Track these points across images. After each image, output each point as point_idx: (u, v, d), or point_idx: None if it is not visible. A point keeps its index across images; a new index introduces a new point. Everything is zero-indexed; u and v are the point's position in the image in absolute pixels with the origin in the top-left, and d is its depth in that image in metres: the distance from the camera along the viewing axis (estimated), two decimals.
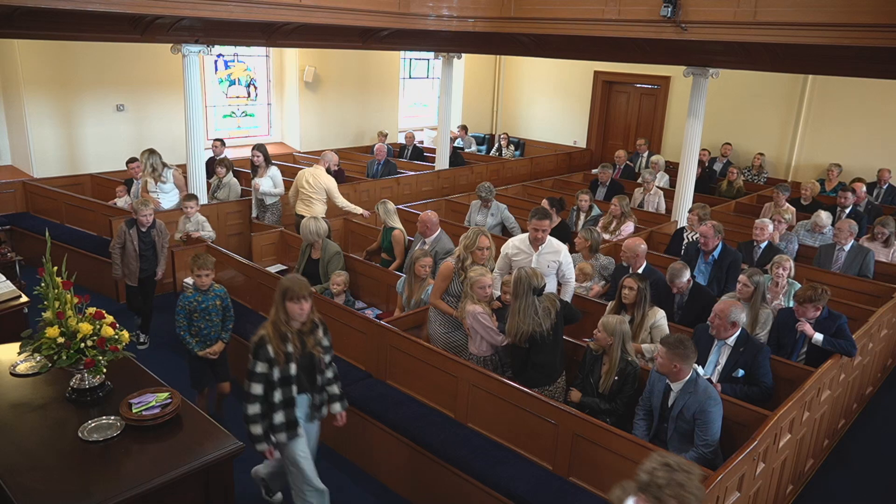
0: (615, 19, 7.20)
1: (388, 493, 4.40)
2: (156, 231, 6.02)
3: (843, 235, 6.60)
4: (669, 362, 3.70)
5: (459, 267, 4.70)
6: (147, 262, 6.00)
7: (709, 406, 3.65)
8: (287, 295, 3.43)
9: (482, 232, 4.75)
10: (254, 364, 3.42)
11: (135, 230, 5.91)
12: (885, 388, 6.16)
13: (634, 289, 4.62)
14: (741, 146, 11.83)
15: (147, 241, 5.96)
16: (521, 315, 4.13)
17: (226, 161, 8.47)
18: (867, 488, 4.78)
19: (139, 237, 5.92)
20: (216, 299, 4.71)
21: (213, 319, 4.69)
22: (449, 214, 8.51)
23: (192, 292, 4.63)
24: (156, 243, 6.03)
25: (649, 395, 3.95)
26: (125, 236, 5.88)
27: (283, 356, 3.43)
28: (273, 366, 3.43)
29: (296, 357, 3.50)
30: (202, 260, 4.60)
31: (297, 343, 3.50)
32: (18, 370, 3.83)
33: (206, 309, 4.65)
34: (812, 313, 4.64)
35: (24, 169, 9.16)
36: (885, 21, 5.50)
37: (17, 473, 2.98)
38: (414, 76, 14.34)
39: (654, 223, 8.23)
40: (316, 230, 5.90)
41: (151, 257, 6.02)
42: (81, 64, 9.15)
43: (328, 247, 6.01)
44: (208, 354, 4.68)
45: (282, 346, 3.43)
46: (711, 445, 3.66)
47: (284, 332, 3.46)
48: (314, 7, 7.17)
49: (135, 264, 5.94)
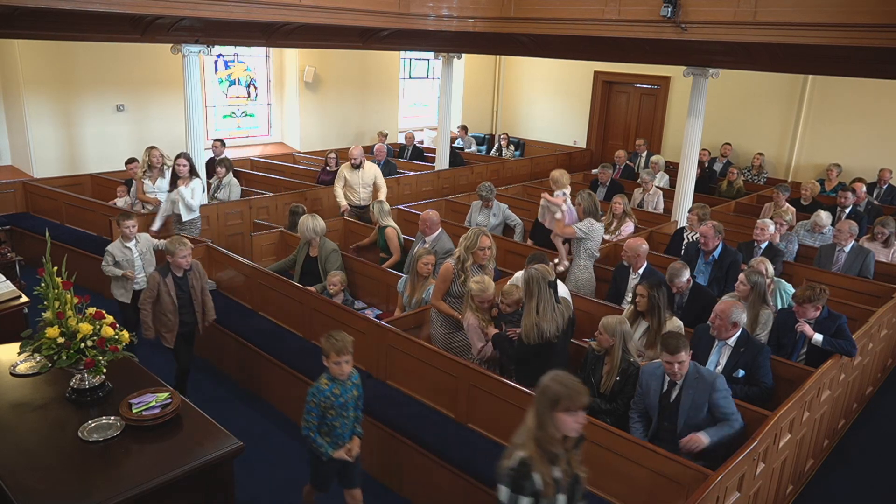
0: (615, 19, 7.20)
1: (389, 493, 4.41)
2: (193, 273, 4.94)
3: (844, 237, 6.60)
4: (688, 357, 3.76)
5: (459, 268, 4.70)
6: (188, 313, 4.93)
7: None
8: (560, 405, 2.53)
9: (482, 232, 4.75)
10: (513, 500, 2.58)
11: (170, 277, 4.82)
12: (885, 388, 6.16)
13: (644, 296, 4.58)
14: (741, 146, 11.83)
15: (185, 289, 4.90)
16: (541, 313, 4.07)
17: (226, 161, 8.48)
18: (867, 488, 4.78)
19: (176, 285, 4.83)
20: (354, 389, 3.66)
21: (349, 414, 3.63)
22: (449, 214, 8.50)
23: (328, 384, 3.56)
24: (195, 288, 4.96)
25: (643, 396, 3.94)
26: (159, 287, 4.79)
27: (552, 486, 2.57)
28: (539, 500, 2.57)
29: (564, 484, 2.62)
30: (340, 343, 3.51)
31: (566, 466, 2.65)
32: (18, 370, 3.84)
33: (343, 404, 3.58)
34: (812, 313, 4.63)
35: (24, 169, 9.16)
36: (885, 21, 5.50)
37: (17, 473, 2.98)
38: (414, 76, 14.34)
39: (654, 223, 8.23)
40: (314, 228, 5.91)
41: (190, 306, 4.95)
42: (81, 64, 9.15)
43: (325, 244, 6.02)
44: (345, 456, 3.63)
45: (550, 471, 2.58)
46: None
47: (554, 454, 2.59)
48: (314, 7, 7.17)
49: (173, 319, 4.84)
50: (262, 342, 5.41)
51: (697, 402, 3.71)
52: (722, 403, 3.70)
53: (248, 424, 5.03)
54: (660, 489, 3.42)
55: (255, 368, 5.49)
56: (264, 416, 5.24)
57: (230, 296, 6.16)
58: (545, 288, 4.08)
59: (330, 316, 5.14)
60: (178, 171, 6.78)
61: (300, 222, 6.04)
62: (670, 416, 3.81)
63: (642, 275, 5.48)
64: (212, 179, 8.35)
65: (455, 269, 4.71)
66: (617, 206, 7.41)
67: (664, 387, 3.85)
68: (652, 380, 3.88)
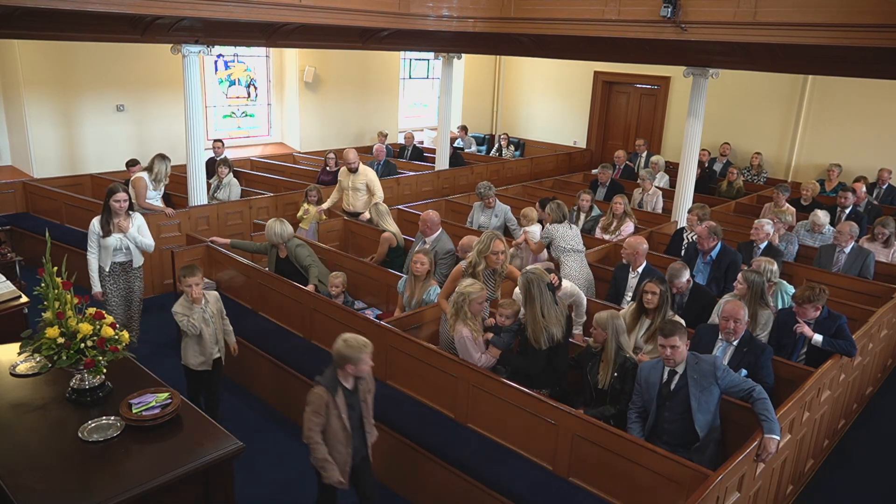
0: (615, 20, 7.20)
1: (388, 494, 4.40)
2: (364, 384, 3.61)
3: (844, 238, 6.59)
4: (686, 346, 3.80)
5: (470, 273, 4.66)
6: (358, 436, 3.59)
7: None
8: None
9: (496, 236, 4.68)
10: None
11: (341, 393, 3.46)
12: (885, 389, 6.16)
13: (657, 293, 4.53)
14: (741, 146, 11.83)
15: (356, 407, 3.56)
16: (546, 316, 4.06)
17: (226, 161, 8.49)
18: (867, 488, 4.78)
19: (347, 403, 3.49)
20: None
21: None
22: (449, 215, 8.51)
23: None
24: (365, 402, 3.62)
25: (642, 392, 3.93)
26: (327, 409, 3.44)
27: None
28: None
29: None
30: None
31: None
32: (18, 370, 3.83)
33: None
34: (812, 313, 4.63)
35: (24, 169, 9.16)
36: (885, 21, 5.50)
37: (17, 473, 2.98)
38: (414, 76, 14.34)
39: (653, 223, 8.23)
40: (280, 233, 5.82)
41: (361, 428, 3.62)
42: (81, 64, 9.15)
43: (290, 244, 5.90)
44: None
45: None
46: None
47: None
48: (314, 7, 7.17)
49: (345, 451, 3.51)
50: (262, 342, 5.41)
51: (704, 384, 3.72)
52: (734, 381, 3.76)
53: (248, 424, 5.03)
54: (660, 489, 3.42)
55: (254, 368, 5.49)
56: (264, 416, 5.24)
57: (230, 296, 6.15)
58: (545, 290, 4.07)
59: (330, 316, 5.14)
60: (117, 210, 5.37)
61: (268, 225, 5.91)
62: (672, 407, 3.79)
63: (642, 274, 5.48)
64: (212, 179, 8.35)
65: (465, 273, 4.67)
66: (617, 207, 7.41)
67: (664, 377, 3.85)
68: (652, 373, 3.89)
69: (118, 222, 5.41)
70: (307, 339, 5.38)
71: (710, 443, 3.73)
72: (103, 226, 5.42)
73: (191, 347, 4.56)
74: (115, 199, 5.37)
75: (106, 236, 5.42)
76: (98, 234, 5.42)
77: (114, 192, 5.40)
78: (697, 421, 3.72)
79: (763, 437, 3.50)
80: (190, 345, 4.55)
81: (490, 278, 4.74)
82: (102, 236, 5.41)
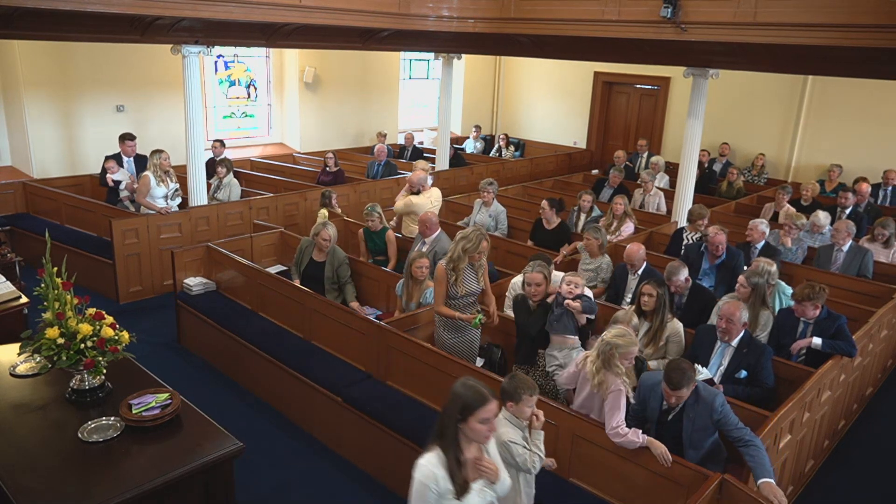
0: (615, 20, 7.20)
1: (389, 493, 4.40)
2: None
3: (841, 236, 6.60)
4: (687, 392, 3.56)
5: (451, 268, 4.56)
6: None
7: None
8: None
9: (484, 235, 4.61)
10: None
11: None
12: (885, 389, 6.16)
13: (654, 295, 4.52)
14: (741, 147, 11.84)
15: None
16: None
17: (226, 161, 8.48)
18: (867, 489, 4.77)
19: None
20: None
21: None
22: (449, 215, 8.51)
23: None
24: None
25: (642, 408, 3.80)
26: None
27: None
28: None
29: None
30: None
31: None
32: (18, 371, 3.83)
33: None
34: (811, 312, 4.63)
35: (24, 169, 9.16)
36: (886, 22, 5.49)
37: (17, 473, 2.98)
38: (414, 77, 14.34)
39: (654, 224, 8.23)
40: (335, 236, 5.91)
41: None
42: (81, 64, 9.14)
43: (336, 252, 5.93)
44: None
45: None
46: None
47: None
48: (314, 8, 7.17)
49: None
50: (262, 342, 5.41)
51: (698, 424, 3.58)
52: (730, 423, 3.51)
53: (248, 424, 5.03)
54: (660, 489, 3.42)
55: (254, 369, 5.48)
56: (264, 416, 5.24)
57: (230, 296, 6.16)
58: None
59: (330, 317, 5.15)
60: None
61: (319, 225, 5.95)
62: (666, 434, 3.66)
63: (642, 275, 5.48)
64: (212, 180, 8.35)
65: (447, 269, 4.57)
66: (617, 207, 7.41)
67: (663, 405, 3.72)
68: (651, 396, 3.75)
69: None
70: (307, 339, 5.38)
71: (707, 462, 3.61)
72: None
73: None
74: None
75: None
76: None
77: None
78: (687, 455, 3.58)
79: (758, 484, 3.34)
80: None
81: (470, 274, 4.66)
82: None
